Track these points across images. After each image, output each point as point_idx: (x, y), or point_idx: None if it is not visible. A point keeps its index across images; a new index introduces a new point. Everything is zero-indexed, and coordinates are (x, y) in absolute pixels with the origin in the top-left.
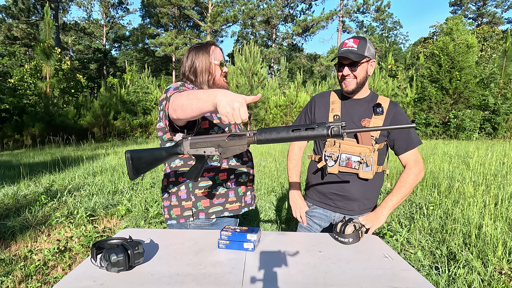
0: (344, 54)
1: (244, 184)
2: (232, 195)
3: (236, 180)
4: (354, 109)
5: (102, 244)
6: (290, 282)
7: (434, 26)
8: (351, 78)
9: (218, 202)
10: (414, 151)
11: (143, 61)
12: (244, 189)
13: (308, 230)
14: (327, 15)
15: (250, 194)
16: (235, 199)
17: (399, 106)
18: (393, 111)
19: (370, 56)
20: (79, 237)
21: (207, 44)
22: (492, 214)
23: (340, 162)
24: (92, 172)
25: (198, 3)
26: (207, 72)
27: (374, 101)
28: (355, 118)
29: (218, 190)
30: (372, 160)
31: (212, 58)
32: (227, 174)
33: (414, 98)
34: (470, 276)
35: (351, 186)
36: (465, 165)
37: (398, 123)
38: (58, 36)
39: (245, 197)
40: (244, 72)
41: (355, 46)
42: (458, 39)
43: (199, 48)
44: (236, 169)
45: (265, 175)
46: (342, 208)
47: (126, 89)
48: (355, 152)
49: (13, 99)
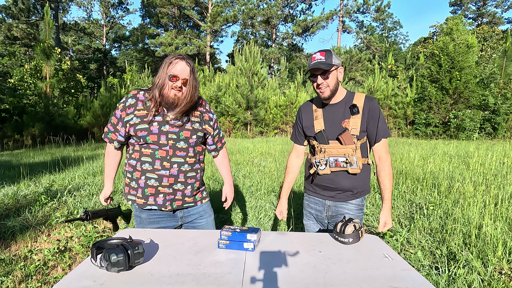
0: (316, 66)
1: (153, 187)
2: (140, 192)
3: (145, 181)
4: (333, 113)
5: (102, 244)
6: (290, 282)
7: (434, 26)
8: (325, 86)
9: (133, 193)
10: (383, 142)
11: (143, 61)
12: (152, 190)
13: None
14: (327, 15)
15: (162, 197)
16: (141, 196)
17: (374, 100)
18: (368, 107)
19: (337, 64)
20: (79, 237)
21: (175, 57)
22: (492, 214)
23: (330, 164)
24: (92, 172)
25: (198, 3)
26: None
27: (351, 101)
28: (336, 121)
29: (133, 184)
30: (355, 159)
31: (170, 69)
32: (140, 174)
33: (414, 98)
34: (470, 276)
35: (342, 179)
36: (465, 165)
37: (372, 117)
38: (58, 36)
39: (156, 198)
40: (244, 72)
41: (323, 58)
42: (458, 39)
43: (166, 59)
44: (146, 173)
45: (265, 175)
46: (333, 196)
47: (126, 89)
48: (340, 153)
49: (13, 99)
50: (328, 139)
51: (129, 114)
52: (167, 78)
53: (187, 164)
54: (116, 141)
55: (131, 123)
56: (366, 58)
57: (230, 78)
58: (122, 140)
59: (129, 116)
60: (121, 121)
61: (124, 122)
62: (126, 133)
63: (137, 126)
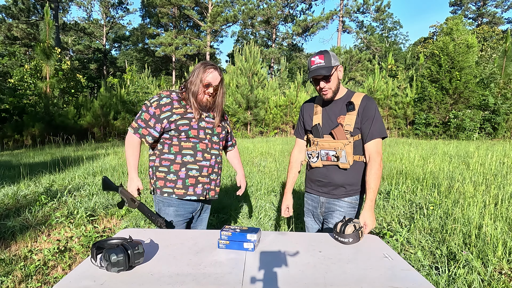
0: (317, 72)
1: (193, 177)
2: (180, 183)
3: (186, 173)
4: (332, 110)
5: (102, 244)
6: (290, 282)
7: (434, 26)
8: (328, 89)
9: (170, 186)
10: (376, 141)
11: (143, 61)
12: (193, 181)
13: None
14: (327, 15)
15: (201, 187)
16: (181, 186)
17: (372, 100)
18: (363, 105)
19: (337, 64)
20: (79, 237)
21: (208, 65)
22: (492, 214)
23: (321, 157)
24: (92, 172)
25: (198, 3)
26: (195, 86)
27: (349, 99)
28: (333, 117)
29: (170, 177)
30: (343, 153)
31: (204, 77)
32: (180, 166)
33: (414, 98)
34: (470, 276)
35: (333, 174)
36: (465, 165)
37: (366, 115)
38: (58, 36)
39: (195, 188)
40: (244, 72)
41: (322, 62)
42: (458, 39)
43: (200, 66)
44: (187, 165)
45: (265, 175)
46: (327, 193)
47: (126, 89)
48: (331, 147)
49: (13, 99)
50: (322, 133)
51: (166, 112)
52: (201, 85)
53: (219, 157)
54: (150, 136)
55: (171, 120)
56: (366, 58)
57: (230, 78)
58: (157, 135)
59: (166, 113)
60: (154, 118)
61: (160, 119)
62: (162, 129)
63: (178, 122)
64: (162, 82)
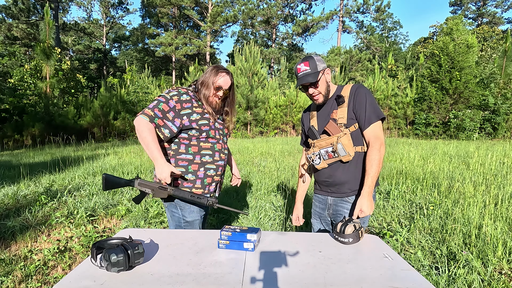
0: (304, 80)
1: (211, 177)
2: (198, 183)
3: (204, 172)
4: (325, 110)
5: (102, 244)
6: (290, 282)
7: (434, 26)
8: (317, 94)
9: (187, 186)
10: (373, 126)
11: (143, 61)
12: (210, 180)
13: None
14: (327, 15)
15: (214, 185)
16: (200, 186)
17: (361, 87)
18: (353, 94)
19: (323, 68)
20: (79, 237)
21: (221, 69)
22: (492, 214)
23: (322, 157)
24: (92, 172)
25: (198, 3)
26: (207, 88)
27: (339, 93)
28: (326, 116)
29: (188, 177)
30: (340, 146)
31: (216, 80)
32: (198, 166)
33: (414, 98)
34: (470, 276)
35: (337, 171)
36: (465, 165)
37: (358, 103)
38: (58, 36)
39: (210, 187)
40: (244, 72)
41: (308, 68)
42: (458, 39)
43: (213, 69)
44: (206, 164)
45: (265, 175)
46: (334, 192)
47: (126, 89)
48: (328, 144)
49: (13, 99)
50: (318, 134)
51: (186, 109)
52: (212, 87)
53: (227, 156)
54: (166, 129)
55: (191, 118)
56: (366, 58)
57: None
58: (175, 130)
59: (187, 110)
60: (174, 111)
61: (180, 114)
62: (182, 125)
63: (199, 121)
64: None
